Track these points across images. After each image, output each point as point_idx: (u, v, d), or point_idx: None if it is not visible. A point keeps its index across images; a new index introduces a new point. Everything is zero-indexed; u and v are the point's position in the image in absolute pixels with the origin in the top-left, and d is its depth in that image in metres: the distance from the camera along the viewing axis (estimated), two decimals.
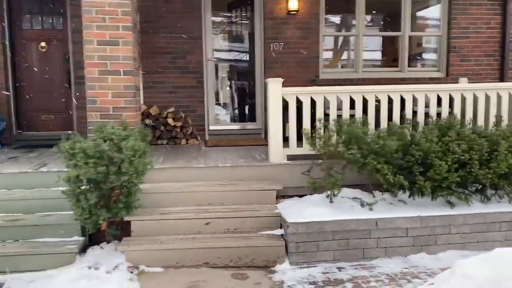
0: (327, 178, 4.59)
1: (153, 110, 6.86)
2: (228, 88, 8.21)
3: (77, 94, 6.76)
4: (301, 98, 5.17)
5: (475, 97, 5.28)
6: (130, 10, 4.77)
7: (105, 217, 4.12)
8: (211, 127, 7.42)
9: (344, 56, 8.10)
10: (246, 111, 7.97)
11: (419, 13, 8.02)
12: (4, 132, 6.69)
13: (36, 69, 6.95)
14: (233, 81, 8.21)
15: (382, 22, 8.48)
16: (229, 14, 7.84)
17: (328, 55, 8.03)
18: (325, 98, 5.20)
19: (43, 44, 6.92)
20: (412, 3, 7.50)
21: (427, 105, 5.29)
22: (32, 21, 6.95)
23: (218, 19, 7.76)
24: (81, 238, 4.28)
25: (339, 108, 5.22)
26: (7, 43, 6.75)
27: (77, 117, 6.92)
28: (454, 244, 4.38)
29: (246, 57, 7.80)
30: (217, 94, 7.86)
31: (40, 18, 6.97)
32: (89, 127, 4.75)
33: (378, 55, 8.31)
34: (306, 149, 5.01)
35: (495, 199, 4.63)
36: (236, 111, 8.12)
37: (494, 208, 4.48)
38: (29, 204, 4.50)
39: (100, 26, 4.71)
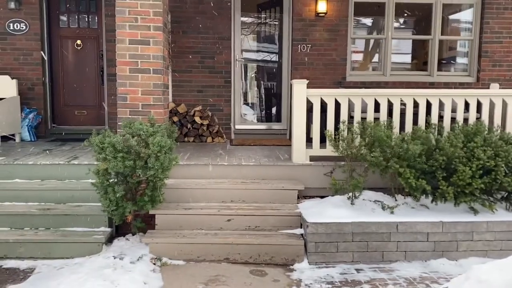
0: (349, 180, 4.62)
1: (181, 108, 7.03)
2: (256, 88, 8.30)
3: (109, 91, 7.02)
4: (325, 99, 5.20)
5: (505, 103, 5.18)
6: (162, 11, 4.93)
7: (131, 210, 4.29)
8: (237, 126, 7.54)
9: (375, 58, 8.06)
10: (273, 112, 8.05)
11: (451, 17, 7.89)
12: (39, 126, 7.01)
13: (71, 66, 7.26)
14: (261, 82, 8.29)
15: (412, 25, 8.38)
16: (258, 15, 7.93)
17: (357, 57, 8.01)
18: (349, 100, 5.22)
19: (78, 42, 7.22)
20: (443, 6, 7.39)
21: (454, 110, 5.23)
22: (69, 20, 7.25)
23: (247, 19, 7.87)
24: (108, 229, 4.46)
25: (364, 111, 5.22)
26: (45, 41, 7.06)
27: (108, 112, 7.18)
28: (476, 251, 4.32)
29: (274, 58, 7.88)
30: (245, 94, 7.97)
31: (76, 17, 7.26)
32: (118, 123, 4.94)
33: (408, 58, 8.22)
34: (329, 150, 5.04)
35: None
36: (263, 111, 8.21)
37: None
38: (61, 194, 4.72)
39: (132, 26, 4.89)
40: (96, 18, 7.22)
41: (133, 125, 4.36)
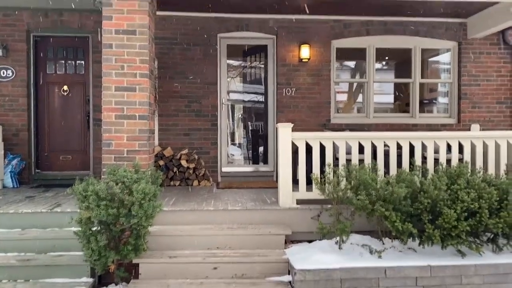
0: (336, 223, 4.59)
1: (167, 152, 7.02)
2: (242, 128, 8.38)
3: (95, 135, 7.01)
4: (310, 143, 5.25)
5: (485, 144, 5.29)
6: (148, 59, 5.02)
7: (114, 259, 4.18)
8: (224, 169, 7.53)
9: (359, 98, 8.23)
10: (259, 153, 8.08)
11: (430, 59, 8.17)
12: (22, 172, 6.91)
13: (57, 111, 7.26)
14: (247, 122, 8.38)
15: (394, 67, 8.64)
16: (243, 61, 8.11)
17: (342, 97, 8.18)
18: (334, 143, 5.28)
19: (65, 87, 7.26)
20: (422, 51, 7.68)
21: (437, 151, 5.31)
22: (57, 66, 7.32)
23: (234, 63, 8.04)
24: (90, 280, 4.32)
25: (349, 152, 5.27)
26: (31, 87, 7.10)
27: (93, 157, 7.13)
28: None
29: (260, 98, 8.00)
30: (232, 134, 8.03)
31: (63, 63, 7.33)
32: (103, 169, 4.90)
33: (390, 98, 8.42)
34: (315, 193, 5.04)
35: (507, 249, 4.52)
36: (250, 151, 8.24)
37: (506, 259, 4.37)
38: (42, 244, 4.59)
39: (118, 73, 4.96)
40: (84, 64, 7.30)
41: (117, 172, 4.32)
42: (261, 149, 8.06)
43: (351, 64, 8.51)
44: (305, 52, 7.34)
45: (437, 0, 5.70)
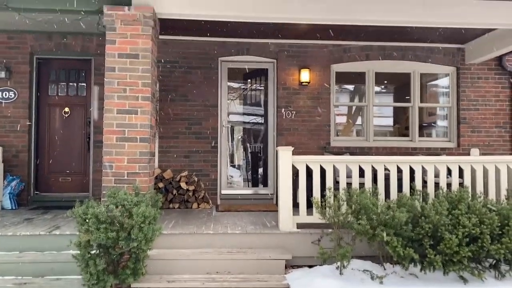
0: (337, 248, 4.56)
1: (167, 174, 7.01)
2: (242, 150, 8.38)
3: (95, 157, 7.01)
4: (311, 166, 5.26)
5: (485, 169, 5.30)
6: (150, 82, 5.07)
7: (112, 283, 4.12)
8: (223, 191, 7.50)
9: (358, 121, 8.27)
10: (259, 175, 8.07)
11: (429, 83, 8.24)
12: (21, 193, 6.88)
13: (58, 133, 7.27)
14: (247, 144, 8.38)
15: (393, 90, 8.71)
16: (244, 83, 8.18)
17: (341, 120, 8.22)
18: (334, 166, 5.28)
19: (66, 109, 7.30)
20: (421, 75, 7.77)
21: (437, 175, 5.32)
22: (58, 88, 7.37)
23: (234, 86, 8.11)
24: None
25: (349, 175, 5.27)
26: (33, 108, 7.13)
27: (92, 179, 7.11)
28: None
29: (260, 120, 8.03)
30: (231, 155, 8.03)
31: (65, 85, 7.39)
32: (103, 191, 4.88)
33: (390, 121, 8.46)
34: (316, 217, 5.02)
35: (510, 275, 4.48)
36: (249, 174, 8.22)
37: (509, 285, 4.33)
38: (40, 267, 4.53)
39: (120, 96, 4.99)
40: (85, 86, 7.36)
41: (117, 195, 4.31)
42: (260, 171, 8.06)
43: (351, 86, 8.59)
44: (305, 75, 7.42)
45: (433, 27, 5.80)
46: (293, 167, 5.21)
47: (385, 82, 8.38)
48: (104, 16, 4.99)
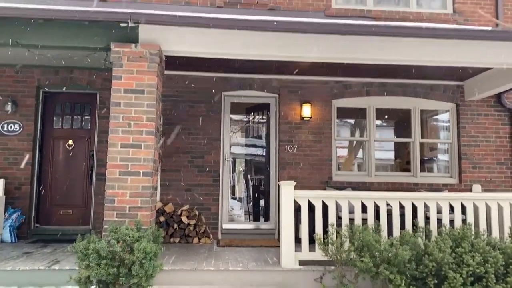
0: (340, 286, 4.50)
1: (168, 208, 6.99)
2: (244, 183, 8.37)
3: (97, 190, 7.02)
4: (313, 202, 5.26)
5: (488, 206, 5.29)
6: (155, 117, 5.14)
7: None
8: (225, 226, 7.45)
9: (360, 154, 8.29)
10: (261, 209, 8.03)
11: (430, 119, 8.32)
12: (21, 226, 6.84)
13: (61, 165, 7.31)
14: (249, 176, 8.38)
15: (394, 125, 8.78)
16: (246, 117, 8.28)
17: (343, 152, 8.25)
18: (337, 202, 5.28)
19: (70, 142, 7.36)
20: (421, 111, 7.86)
21: (439, 211, 5.31)
22: (63, 121, 7.46)
23: (237, 119, 8.20)
24: None
25: (351, 211, 5.27)
26: (37, 141, 7.20)
27: (94, 212, 7.09)
28: None
29: (262, 153, 8.05)
30: (233, 187, 8.02)
31: (70, 118, 7.48)
32: (104, 226, 4.86)
33: (391, 155, 8.48)
34: (318, 254, 4.98)
35: None
36: (251, 206, 8.19)
37: None
38: None
39: (125, 131, 5.05)
40: (90, 120, 7.45)
41: (119, 230, 4.30)
42: (262, 204, 8.03)
43: (352, 120, 8.67)
44: (306, 110, 7.52)
45: (430, 65, 5.90)
46: (295, 202, 5.21)
47: (386, 117, 8.47)
48: (111, 53, 5.12)
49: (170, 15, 5.01)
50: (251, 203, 8.23)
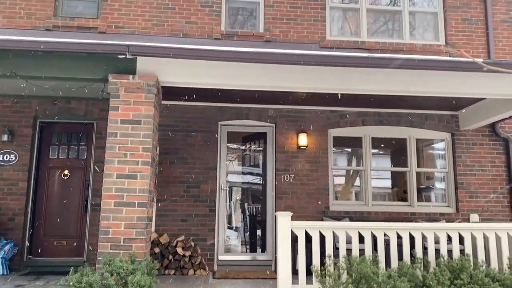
0: None
1: (163, 239, 6.90)
2: (240, 212, 8.31)
3: (91, 220, 6.94)
4: (310, 232, 5.22)
5: (486, 236, 5.25)
6: (151, 147, 5.14)
7: None
8: (221, 257, 7.33)
9: (357, 182, 8.27)
10: (258, 238, 7.93)
11: (426, 148, 8.36)
12: (14, 257, 6.72)
13: (56, 195, 7.25)
14: (246, 204, 8.32)
15: (390, 153, 8.79)
16: (243, 146, 8.29)
17: (340, 180, 8.23)
18: (334, 232, 5.24)
19: (66, 172, 7.32)
20: (417, 140, 7.91)
21: (437, 241, 5.27)
22: (59, 151, 7.44)
23: (233, 148, 8.21)
24: None
25: (349, 241, 5.22)
26: (33, 171, 7.16)
27: (88, 243, 6.98)
28: None
29: (259, 181, 8.02)
30: (229, 216, 7.95)
31: (67, 148, 7.47)
32: (98, 258, 4.78)
33: (388, 183, 8.45)
34: (316, 287, 4.90)
35: None
36: (247, 236, 8.09)
37: None
38: None
39: (121, 161, 5.04)
40: (86, 149, 7.44)
41: (113, 262, 4.23)
42: (259, 233, 7.93)
43: (348, 148, 8.70)
44: (303, 140, 7.55)
45: (424, 96, 5.98)
46: (292, 232, 5.17)
47: (382, 145, 8.51)
48: (109, 84, 5.17)
49: (167, 47, 5.09)
50: (248, 232, 8.14)
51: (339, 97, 5.99)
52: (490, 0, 8.27)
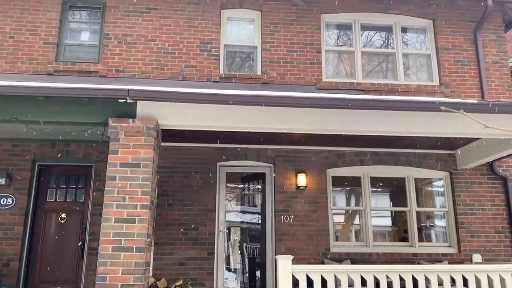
0: None
1: (161, 284, 6.71)
2: (239, 253, 8.18)
3: (88, 265, 6.80)
4: (311, 276, 5.13)
5: (490, 279, 5.17)
6: (150, 190, 5.12)
7: None
8: None
9: (356, 220, 8.19)
10: (257, 281, 7.76)
11: (425, 186, 8.35)
12: None
13: (52, 239, 7.14)
14: (244, 245, 8.21)
15: (389, 192, 8.76)
16: (242, 186, 8.28)
17: (340, 219, 8.14)
18: (336, 276, 5.14)
19: (63, 215, 7.24)
20: (415, 179, 7.91)
21: (440, 284, 5.17)
22: (57, 194, 7.39)
23: (232, 188, 8.19)
24: None
25: (351, 284, 5.12)
26: (29, 214, 7.09)
27: None
28: None
29: (258, 221, 7.93)
30: (227, 257, 7.81)
31: (65, 190, 7.42)
32: None
33: (388, 221, 8.37)
34: None
35: None
36: (246, 277, 7.93)
37: None
38: None
39: (119, 205, 5.00)
40: (84, 192, 7.39)
41: None
42: (258, 275, 7.77)
43: (348, 187, 8.67)
44: (301, 180, 7.54)
45: (420, 136, 6.02)
46: (293, 275, 5.07)
47: (381, 184, 8.50)
48: (109, 128, 5.20)
49: (167, 91, 5.17)
50: (247, 274, 7.99)
51: (337, 137, 6.05)
52: (480, 42, 8.52)
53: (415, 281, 5.13)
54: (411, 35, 8.87)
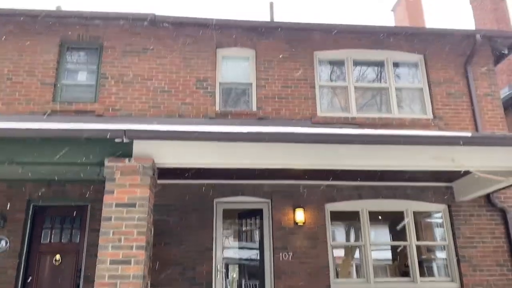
0: None
1: None
2: None
3: None
4: None
5: None
6: (145, 230, 5.04)
7: None
8: None
9: (356, 254, 8.04)
10: None
11: (424, 219, 8.26)
12: None
13: (46, 282, 6.96)
14: (243, 282, 7.99)
15: (389, 224, 8.64)
16: (239, 223, 8.16)
17: (340, 253, 7.99)
18: None
19: (57, 257, 7.09)
20: (414, 213, 7.85)
21: None
22: (52, 235, 7.27)
23: (230, 223, 8.06)
24: None
25: None
26: (23, 257, 6.93)
27: None
28: None
29: (256, 257, 7.76)
30: None
31: (60, 231, 7.30)
32: None
33: (388, 254, 8.19)
34: None
35: None
36: None
37: None
38: None
39: (114, 246, 4.91)
40: (79, 232, 7.27)
41: None
42: None
43: (347, 222, 8.56)
44: (299, 215, 7.47)
45: (415, 170, 6.02)
46: None
47: (380, 218, 8.41)
48: (105, 168, 5.18)
49: (163, 131, 5.20)
50: None
51: (334, 171, 6.03)
52: (471, 75, 8.68)
53: None
54: (403, 69, 9.04)
